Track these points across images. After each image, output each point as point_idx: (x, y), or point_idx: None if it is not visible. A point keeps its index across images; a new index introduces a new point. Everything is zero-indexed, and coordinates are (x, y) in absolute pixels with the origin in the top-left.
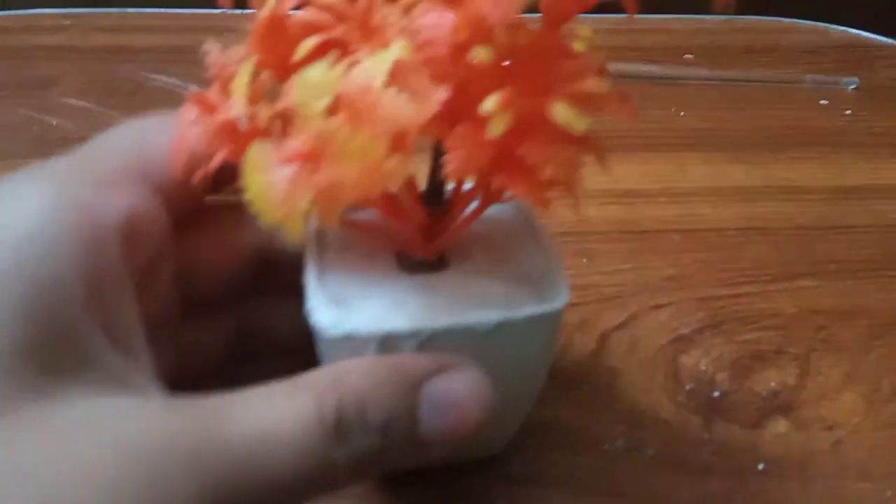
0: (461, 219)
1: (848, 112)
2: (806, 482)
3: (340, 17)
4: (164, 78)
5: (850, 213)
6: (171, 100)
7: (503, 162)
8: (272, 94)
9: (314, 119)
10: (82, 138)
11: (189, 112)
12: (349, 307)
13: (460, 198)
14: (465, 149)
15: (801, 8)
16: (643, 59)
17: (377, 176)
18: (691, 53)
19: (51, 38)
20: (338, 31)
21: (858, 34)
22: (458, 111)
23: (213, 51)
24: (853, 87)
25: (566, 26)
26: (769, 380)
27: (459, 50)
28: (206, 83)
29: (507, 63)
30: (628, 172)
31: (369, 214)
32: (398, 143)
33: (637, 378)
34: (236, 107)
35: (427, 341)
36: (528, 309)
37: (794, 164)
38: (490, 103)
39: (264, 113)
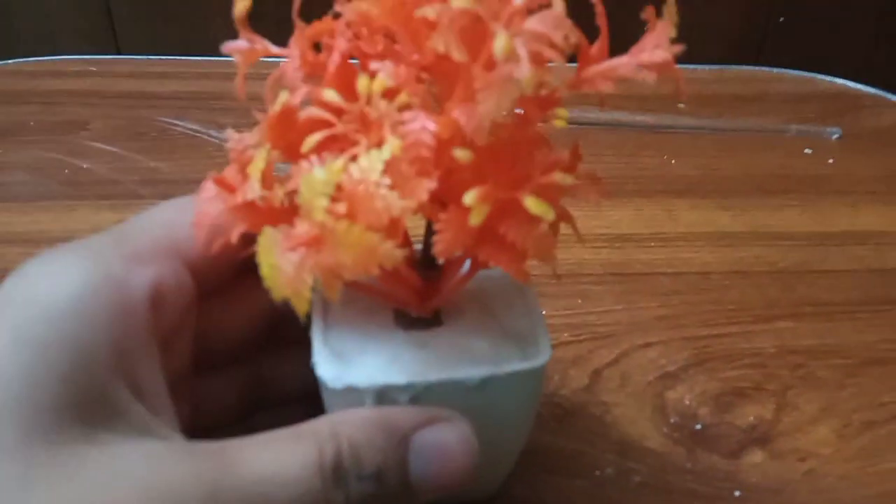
0: (453, 282)
1: (831, 161)
2: None
3: (340, 113)
4: (185, 124)
5: (829, 257)
6: (192, 145)
7: (486, 239)
8: (284, 174)
9: (318, 213)
10: (112, 181)
11: (209, 190)
12: (350, 362)
13: (452, 264)
14: (450, 231)
15: (792, 58)
16: (639, 108)
17: (373, 260)
18: (683, 102)
19: (77, 83)
20: (339, 128)
21: (844, 84)
22: (446, 196)
23: (231, 136)
24: (836, 136)
25: (540, 122)
26: (748, 414)
27: (444, 145)
28: (221, 128)
29: (487, 160)
30: (622, 217)
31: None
32: (391, 231)
33: (627, 411)
34: (253, 189)
35: (420, 394)
36: (513, 365)
37: (778, 210)
38: (469, 197)
39: (277, 194)
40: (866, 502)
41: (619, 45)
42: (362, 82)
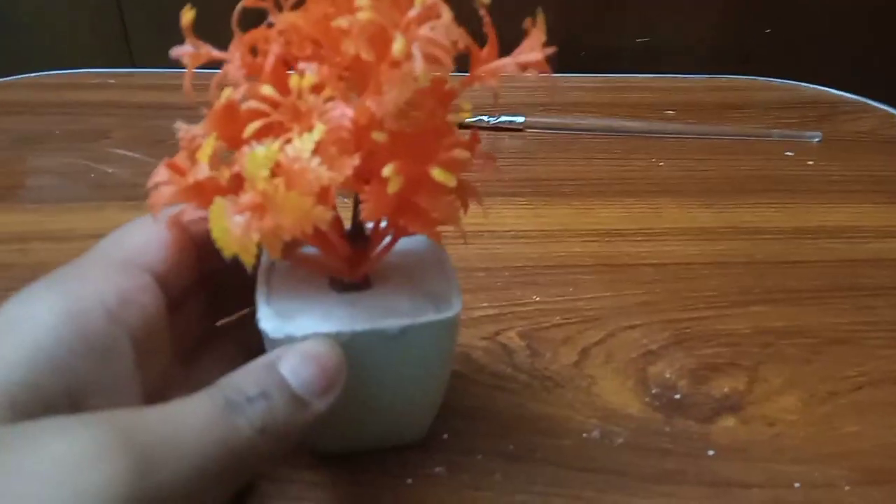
0: (379, 250)
1: (811, 163)
2: (748, 463)
3: (276, 105)
4: None
5: (801, 250)
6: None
7: (404, 208)
8: (227, 160)
9: (260, 182)
10: (135, 184)
11: (161, 174)
12: (289, 318)
13: (378, 234)
14: (373, 200)
15: (778, 67)
16: (628, 115)
17: (307, 221)
18: (673, 109)
19: (97, 94)
20: (275, 117)
21: (826, 91)
22: (368, 174)
23: (181, 127)
24: (817, 139)
25: (444, 111)
26: (722, 386)
27: (364, 131)
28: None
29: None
30: (610, 215)
31: (309, 249)
32: (322, 197)
33: (611, 383)
34: (203, 170)
35: (348, 342)
36: (428, 317)
37: (756, 208)
38: (387, 170)
39: (223, 174)
40: (827, 459)
41: (506, 49)
42: (293, 79)
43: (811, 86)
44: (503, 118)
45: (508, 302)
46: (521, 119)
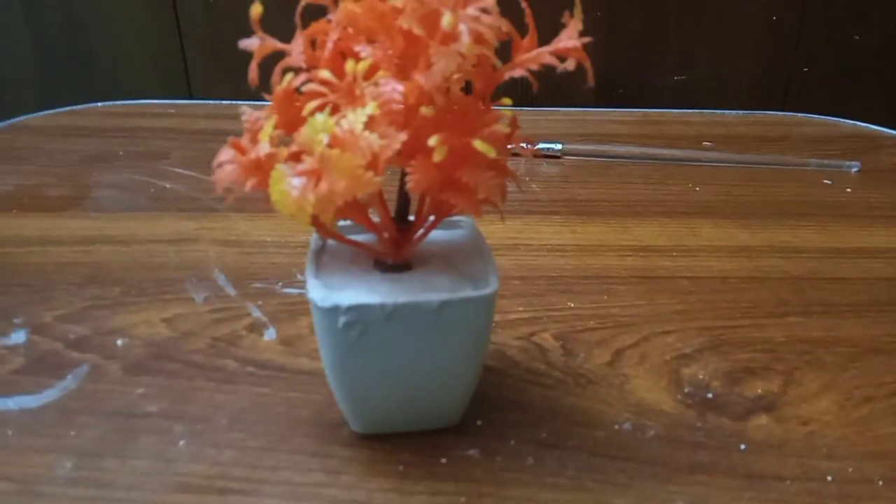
0: (421, 232)
1: (849, 190)
2: (781, 458)
3: (332, 88)
4: None
5: (841, 268)
6: None
7: (448, 184)
8: (286, 142)
9: (318, 147)
10: (191, 197)
11: (226, 153)
12: (336, 290)
13: (420, 217)
14: (420, 171)
15: (816, 105)
16: (666, 145)
17: (358, 185)
18: (710, 142)
19: (159, 121)
20: (331, 98)
21: (865, 126)
22: (415, 149)
23: (246, 111)
24: (856, 169)
25: (488, 92)
26: (756, 387)
27: (412, 109)
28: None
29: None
30: (646, 233)
31: (356, 235)
32: (372, 164)
33: (644, 382)
34: (263, 147)
35: (391, 313)
36: (466, 293)
37: (795, 230)
38: (433, 140)
39: (282, 152)
40: (862, 457)
41: (545, 39)
42: (349, 64)
43: (850, 121)
44: (542, 145)
45: (543, 307)
46: (558, 146)
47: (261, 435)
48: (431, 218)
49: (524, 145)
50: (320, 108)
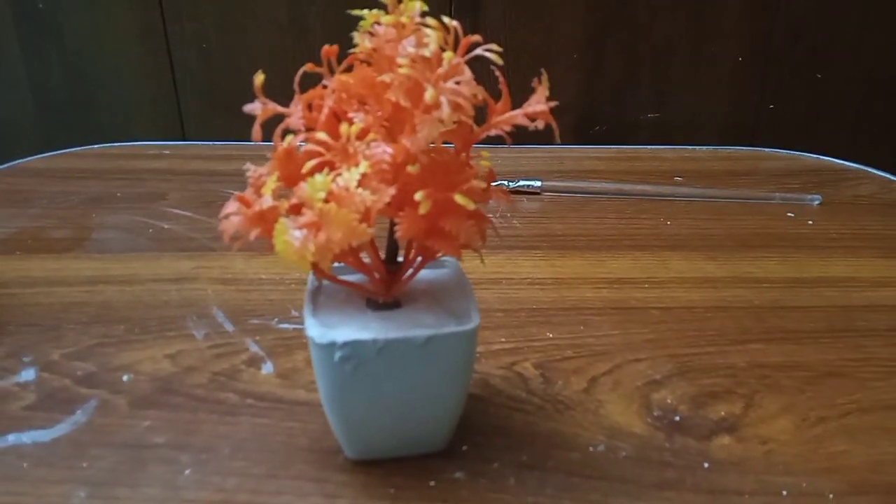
0: (409, 273)
1: (811, 222)
2: (741, 475)
3: (328, 148)
4: None
5: (801, 297)
6: None
7: (432, 232)
8: (285, 195)
9: (317, 203)
10: (189, 237)
11: (231, 206)
12: (332, 327)
13: (408, 261)
14: (407, 222)
15: (782, 140)
16: (639, 180)
17: (353, 235)
18: (681, 176)
19: (154, 163)
20: (327, 157)
21: (828, 160)
22: (403, 201)
23: (250, 168)
24: (817, 202)
25: (467, 151)
26: (720, 410)
27: (399, 167)
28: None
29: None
30: (620, 266)
31: (349, 275)
32: (365, 217)
33: (617, 406)
34: (267, 201)
35: (383, 348)
36: (450, 328)
37: (757, 261)
38: (419, 195)
39: (283, 205)
40: (815, 473)
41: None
42: (343, 127)
43: (814, 155)
44: (522, 182)
45: (524, 338)
46: (538, 183)
47: (262, 463)
48: (419, 259)
49: (506, 183)
50: (318, 167)
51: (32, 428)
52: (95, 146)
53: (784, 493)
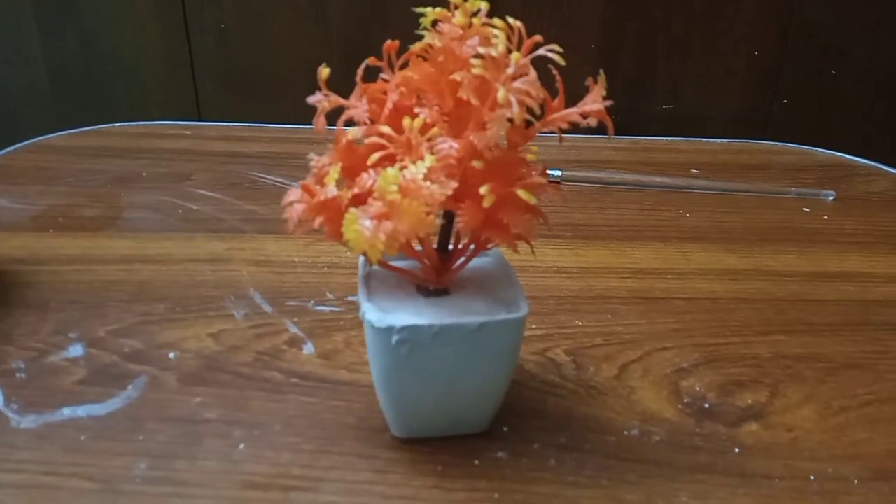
0: (460, 262)
1: (826, 217)
2: (769, 460)
3: (392, 141)
4: (272, 178)
5: (819, 290)
6: (280, 194)
7: (490, 224)
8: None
9: (389, 194)
10: (218, 219)
11: (294, 194)
12: (389, 312)
13: (458, 249)
14: (468, 214)
15: (794, 134)
16: (658, 172)
17: (421, 226)
18: (697, 168)
19: (176, 143)
20: (391, 149)
21: (840, 155)
22: (463, 193)
23: (314, 158)
24: (831, 198)
25: (522, 147)
26: (747, 398)
27: (462, 162)
28: (301, 179)
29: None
30: (642, 256)
31: (400, 262)
32: (432, 209)
33: (648, 393)
34: (331, 189)
35: (437, 333)
36: (502, 315)
37: (776, 255)
38: (484, 189)
39: (346, 195)
40: (839, 459)
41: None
42: (406, 121)
43: (826, 151)
44: None
45: (554, 325)
46: (558, 172)
47: (313, 439)
48: (471, 248)
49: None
50: (382, 161)
51: (87, 402)
52: (115, 124)
53: (812, 477)
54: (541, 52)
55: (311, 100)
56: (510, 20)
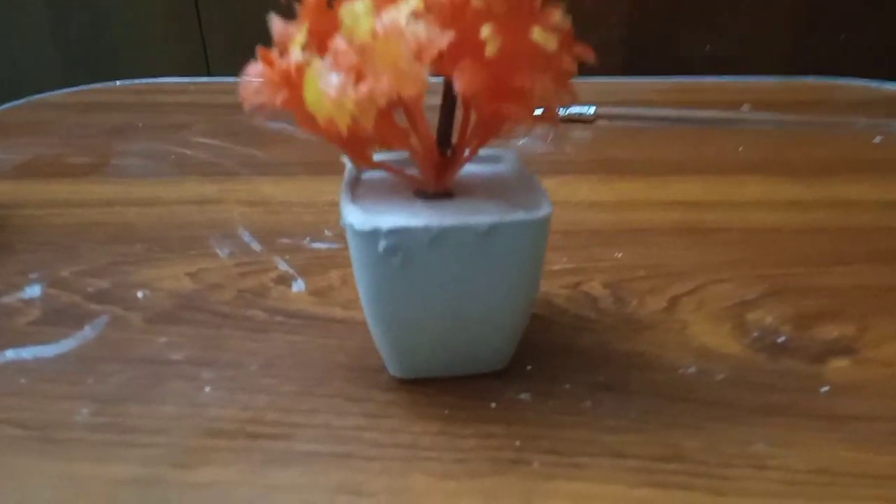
0: (466, 153)
1: None
2: (866, 399)
3: None
4: (280, 124)
5: None
6: (281, 139)
7: (499, 91)
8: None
9: (361, 33)
10: (213, 163)
11: (253, 69)
12: (375, 215)
13: (463, 141)
14: (468, 72)
15: (855, 70)
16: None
17: (404, 81)
18: (748, 104)
19: (178, 97)
20: None
21: None
22: (463, 51)
23: (276, 22)
24: None
25: None
26: (831, 331)
27: (460, 6)
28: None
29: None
30: (689, 189)
31: (394, 160)
32: (420, 55)
33: (705, 327)
34: (295, 54)
35: (437, 237)
36: (517, 216)
37: (845, 184)
38: (485, 30)
39: (314, 62)
40: None
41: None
42: None
43: (893, 85)
44: (574, 109)
45: (588, 259)
46: (591, 109)
47: (295, 380)
48: (476, 146)
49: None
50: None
51: (35, 343)
52: (116, 82)
53: None
54: None
55: None
56: None
